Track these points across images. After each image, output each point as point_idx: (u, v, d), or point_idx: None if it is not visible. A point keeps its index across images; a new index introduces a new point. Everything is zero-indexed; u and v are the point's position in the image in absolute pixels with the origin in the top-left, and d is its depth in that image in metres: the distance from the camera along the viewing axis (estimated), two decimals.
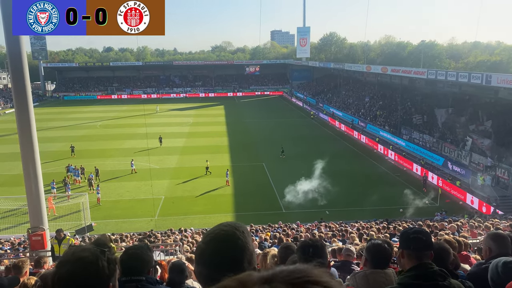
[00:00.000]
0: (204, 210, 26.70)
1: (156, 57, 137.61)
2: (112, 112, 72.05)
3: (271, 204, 27.50)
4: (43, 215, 11.09)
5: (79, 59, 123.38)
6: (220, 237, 1.51)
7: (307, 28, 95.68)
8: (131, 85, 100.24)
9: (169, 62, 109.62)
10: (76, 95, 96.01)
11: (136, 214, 26.28)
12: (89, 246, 1.77)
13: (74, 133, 52.97)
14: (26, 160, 10.47)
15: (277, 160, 37.98)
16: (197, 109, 76.78)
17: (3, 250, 16.92)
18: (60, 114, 70.42)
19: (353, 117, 56.04)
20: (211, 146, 43.83)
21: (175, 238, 17.20)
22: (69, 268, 1.64)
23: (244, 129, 54.48)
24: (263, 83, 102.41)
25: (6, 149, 42.13)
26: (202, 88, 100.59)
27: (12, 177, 32.64)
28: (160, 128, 53.40)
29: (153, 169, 34.15)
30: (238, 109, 75.00)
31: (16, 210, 25.21)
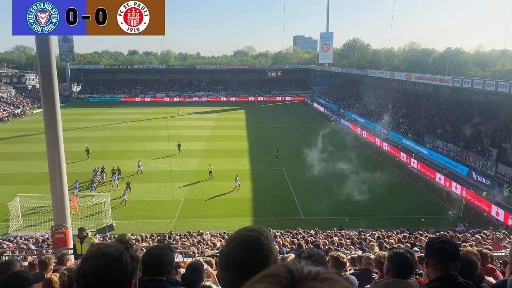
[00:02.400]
0: (222, 213, 26.78)
1: (179, 61, 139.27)
2: (135, 114, 73.25)
3: (290, 210, 27.36)
4: (66, 213, 11.34)
5: (105, 61, 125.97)
6: (246, 242, 1.49)
7: (330, 33, 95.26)
8: (154, 88, 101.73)
9: (192, 66, 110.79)
10: (101, 97, 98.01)
11: (156, 215, 26.57)
12: (113, 243, 1.80)
13: (98, 134, 54.06)
14: (52, 159, 10.72)
15: (296, 165, 37.81)
16: (218, 113, 77.28)
17: (27, 247, 17.36)
18: (85, 115, 72.01)
19: (375, 124, 55.36)
20: (231, 150, 43.99)
21: (193, 240, 17.28)
22: (94, 263, 1.66)
23: (264, 133, 54.50)
24: (284, 88, 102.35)
25: (33, 148, 43.32)
26: (223, 92, 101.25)
27: (37, 175, 33.48)
28: (181, 131, 53.99)
29: (174, 171, 34.48)
30: (259, 114, 75.12)
31: (41, 208, 25.84)
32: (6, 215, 25.08)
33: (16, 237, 21.54)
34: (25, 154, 41.51)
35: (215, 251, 12.93)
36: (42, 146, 13.22)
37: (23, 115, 75.78)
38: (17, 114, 75.32)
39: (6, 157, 40.87)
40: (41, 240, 19.77)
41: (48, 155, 10.78)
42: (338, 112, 72.24)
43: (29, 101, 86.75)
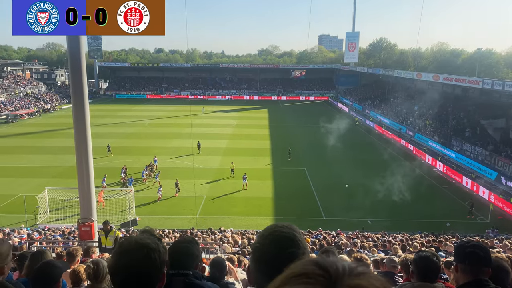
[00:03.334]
0: (244, 211, 26.88)
1: (204, 60, 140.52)
2: (160, 112, 74.30)
3: (311, 210, 27.21)
4: (92, 207, 11.61)
5: (132, 59, 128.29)
6: (281, 238, 1.51)
7: (356, 33, 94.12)
8: (179, 86, 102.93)
9: (216, 65, 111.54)
10: (127, 94, 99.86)
11: (178, 211, 26.89)
12: (145, 234, 1.82)
13: (124, 130, 55.11)
14: (79, 154, 11.00)
15: (319, 165, 37.55)
16: (241, 111, 77.52)
17: (54, 238, 17.88)
18: (112, 111, 73.51)
19: (401, 126, 54.39)
20: (253, 148, 44.07)
21: (215, 237, 17.41)
22: (133, 255, 1.67)
23: (287, 133, 54.34)
24: (308, 88, 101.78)
25: (61, 142, 44.55)
26: (247, 91, 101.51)
27: (65, 169, 34.43)
28: (204, 129, 54.43)
29: (197, 168, 34.80)
30: (282, 113, 74.95)
31: (68, 201, 26.56)
32: (35, 207, 25.87)
33: (43, 228, 22.20)
34: (54, 148, 42.71)
35: (236, 248, 13.00)
36: (70, 141, 13.57)
37: (52, 110, 78.01)
38: (46, 109, 77.60)
39: (36, 151, 42.15)
40: (67, 232, 20.30)
41: (76, 150, 11.07)
42: (362, 112, 71.33)
43: (58, 97, 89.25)
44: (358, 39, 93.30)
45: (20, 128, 58.86)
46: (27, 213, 24.92)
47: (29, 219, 24.84)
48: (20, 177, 33.29)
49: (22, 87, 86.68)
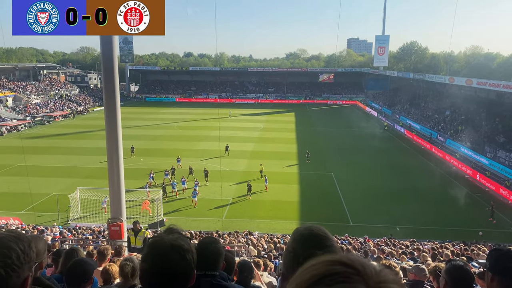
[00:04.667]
0: (269, 215, 26.84)
1: (232, 63, 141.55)
2: (188, 115, 75.32)
3: (338, 215, 26.88)
4: (122, 207, 11.87)
5: (162, 63, 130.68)
6: (313, 237, 1.55)
7: (386, 36, 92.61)
8: (207, 90, 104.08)
9: (244, 69, 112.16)
10: (157, 97, 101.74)
11: (205, 213, 27.13)
12: (176, 235, 1.84)
13: (153, 133, 56.16)
14: (111, 155, 11.29)
15: (347, 170, 37.08)
16: (268, 115, 77.59)
17: (85, 237, 18.38)
18: (142, 114, 75.08)
19: (432, 131, 53.05)
20: (279, 152, 43.99)
21: (241, 240, 17.45)
22: (168, 256, 1.69)
23: (314, 137, 53.96)
24: (336, 92, 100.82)
25: (92, 143, 45.84)
26: (274, 94, 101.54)
27: (96, 170, 35.37)
28: (232, 132, 54.77)
29: (224, 171, 35.03)
30: (309, 117, 74.54)
31: (99, 200, 27.27)
32: (67, 206, 26.70)
33: (75, 227, 22.87)
34: (85, 149, 43.99)
35: (262, 251, 12.99)
36: (102, 142, 13.94)
37: (85, 113, 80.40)
38: (79, 111, 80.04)
39: (69, 152, 43.52)
40: (97, 231, 20.83)
41: (107, 151, 11.35)
42: (392, 117, 70.02)
43: (90, 99, 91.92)
44: (388, 42, 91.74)
45: (54, 129, 60.98)
46: (59, 211, 25.74)
47: (62, 218, 25.66)
48: (54, 177, 34.43)
49: (57, 90, 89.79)
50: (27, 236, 1.69)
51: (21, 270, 1.56)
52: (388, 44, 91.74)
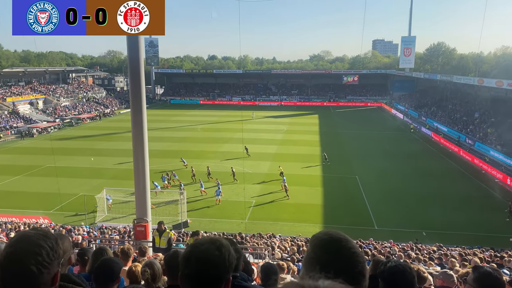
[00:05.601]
0: (293, 218, 26.70)
1: (255, 66, 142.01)
2: (212, 117, 75.95)
3: (363, 219, 26.49)
4: (147, 208, 12.07)
5: (186, 66, 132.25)
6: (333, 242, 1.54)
7: (413, 37, 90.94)
8: (231, 92, 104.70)
9: (267, 71, 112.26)
10: (181, 100, 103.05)
11: (228, 215, 27.25)
12: (214, 237, 1.86)
13: (177, 135, 56.88)
14: (137, 157, 11.50)
15: (372, 173, 36.54)
16: (291, 117, 77.37)
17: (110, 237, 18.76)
18: (166, 116, 76.18)
19: (460, 134, 51.68)
20: (303, 154, 43.74)
21: (264, 242, 17.43)
22: (209, 255, 1.71)
23: (338, 139, 53.45)
24: (361, 93, 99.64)
25: (118, 145, 46.79)
26: (297, 96, 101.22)
27: (122, 171, 36.06)
28: (255, 134, 54.88)
29: (247, 173, 35.11)
30: (333, 119, 73.90)
31: (124, 201, 27.81)
32: (94, 206, 27.33)
33: (101, 227, 23.38)
34: (112, 151, 44.94)
35: (285, 254, 12.94)
36: (127, 144, 14.21)
37: (111, 115, 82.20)
38: (106, 113, 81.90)
39: (96, 153, 44.55)
40: (122, 231, 21.22)
41: (134, 153, 11.57)
42: (418, 119, 68.61)
43: (117, 102, 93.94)
44: (415, 43, 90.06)
45: (82, 131, 62.59)
46: (86, 211, 26.37)
47: (88, 218, 26.26)
48: (81, 178, 35.31)
49: (85, 93, 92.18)
50: (53, 233, 1.74)
51: (51, 266, 1.61)
52: (414, 45, 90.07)
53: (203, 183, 31.36)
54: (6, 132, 59.31)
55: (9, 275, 1.57)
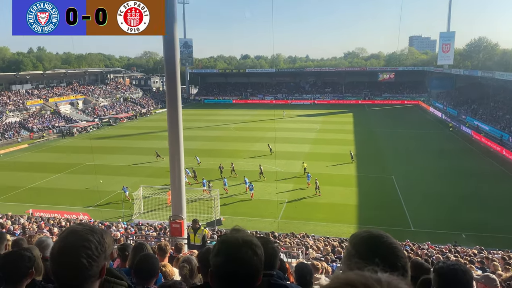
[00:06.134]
0: (326, 218, 26.44)
1: (288, 64, 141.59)
2: (244, 116, 76.34)
3: (398, 220, 25.88)
4: (183, 205, 12.31)
5: (220, 65, 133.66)
6: (374, 238, 1.55)
7: (452, 33, 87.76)
8: (263, 91, 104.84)
9: (300, 69, 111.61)
10: (215, 99, 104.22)
11: (260, 214, 27.32)
12: (244, 233, 1.88)
13: (211, 134, 57.59)
14: (173, 156, 11.75)
15: (408, 173, 35.62)
16: (325, 115, 76.57)
17: (147, 233, 19.24)
18: (200, 115, 77.27)
19: (503, 132, 49.45)
20: (337, 154, 43.19)
21: (298, 242, 17.37)
22: (241, 253, 1.72)
23: (373, 138, 52.42)
24: (397, 91, 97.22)
25: (155, 144, 47.88)
26: (331, 94, 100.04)
27: (158, 169, 36.88)
28: (287, 133, 54.74)
29: (279, 172, 35.09)
30: (368, 118, 72.53)
31: (160, 198, 28.48)
32: (131, 203, 28.12)
33: (138, 223, 24.02)
34: (148, 149, 46.03)
35: (319, 254, 12.86)
36: (163, 143, 14.52)
37: (148, 114, 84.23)
38: (143, 113, 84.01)
39: (133, 152, 45.82)
40: (158, 228, 21.72)
41: (170, 152, 11.83)
42: (458, 117, 66.21)
43: (153, 102, 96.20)
44: (454, 39, 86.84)
45: (119, 130, 64.53)
46: (124, 208, 27.17)
47: (126, 215, 27.05)
48: (119, 175, 36.40)
49: (122, 93, 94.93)
50: (98, 228, 1.82)
51: (99, 259, 1.69)
52: (453, 41, 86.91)
53: (227, 181, 31.90)
54: (49, 131, 62.04)
55: (61, 268, 1.66)
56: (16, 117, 63.59)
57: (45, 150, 50.58)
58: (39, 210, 27.64)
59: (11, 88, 72.30)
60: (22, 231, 16.58)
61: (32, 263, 2.91)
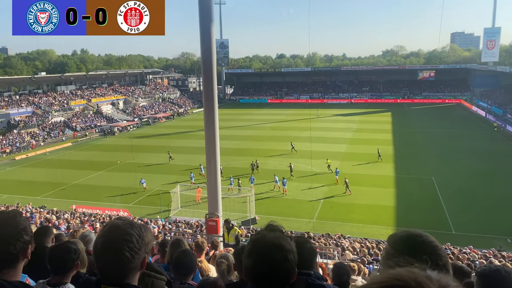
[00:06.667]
0: (362, 219, 25.98)
1: (324, 63, 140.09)
2: (279, 115, 76.26)
3: (438, 223, 25.01)
4: (219, 203, 12.48)
5: (255, 65, 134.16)
6: (413, 238, 1.53)
7: (497, 28, 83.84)
8: (299, 90, 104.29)
9: (337, 68, 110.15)
10: (250, 99, 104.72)
11: (295, 214, 27.20)
12: (277, 233, 1.89)
13: (246, 133, 57.92)
14: (209, 155, 11.94)
15: (450, 174, 34.39)
16: (362, 115, 75.19)
17: (184, 230, 19.63)
18: (236, 115, 77.85)
19: None
20: (374, 154, 42.28)
21: (333, 243, 17.18)
22: (271, 255, 1.73)
23: (413, 138, 50.94)
24: (438, 90, 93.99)
25: (191, 143, 48.85)
26: (368, 93, 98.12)
27: (194, 167, 37.49)
28: (323, 133, 54.19)
29: (314, 172, 34.82)
30: (407, 117, 70.57)
31: (196, 196, 28.96)
32: (169, 201, 28.77)
33: (175, 221, 24.55)
34: (185, 148, 46.95)
35: (355, 256, 12.67)
36: (199, 142, 14.74)
37: (185, 114, 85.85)
38: (180, 113, 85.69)
39: (171, 150, 46.74)
40: (195, 226, 22.11)
41: (206, 150, 12.02)
42: (503, 117, 63.15)
43: (190, 102, 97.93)
44: (499, 35, 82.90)
45: (158, 129, 66.16)
46: (162, 205, 27.84)
47: (164, 211, 27.70)
48: (157, 173, 37.32)
49: (161, 93, 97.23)
50: (137, 223, 1.90)
51: (140, 252, 1.77)
52: (499, 37, 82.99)
53: (254, 179, 32.24)
54: (91, 130, 64.53)
55: (105, 261, 1.75)
56: (61, 116, 66.55)
57: (88, 148, 52.68)
58: (82, 206, 28.83)
59: (57, 89, 75.76)
60: (67, 225, 17.36)
61: (77, 255, 3.06)
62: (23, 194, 32.69)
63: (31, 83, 71.99)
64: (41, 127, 60.94)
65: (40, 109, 66.15)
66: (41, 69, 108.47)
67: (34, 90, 72.66)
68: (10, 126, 58.48)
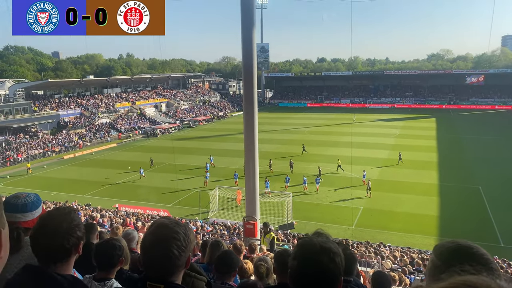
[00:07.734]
0: (404, 228, 25.18)
1: (366, 67, 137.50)
2: (319, 120, 75.51)
3: (486, 234, 23.81)
4: (256, 206, 12.52)
5: (295, 69, 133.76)
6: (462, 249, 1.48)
7: None
8: (339, 94, 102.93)
9: (379, 72, 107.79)
10: (289, 103, 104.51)
11: (333, 220, 26.79)
12: (324, 238, 1.88)
13: (285, 137, 57.76)
14: (248, 158, 12.02)
15: (499, 185, 32.71)
16: (404, 120, 73.07)
17: (221, 232, 19.83)
18: (275, 119, 77.88)
19: None
20: (417, 161, 40.98)
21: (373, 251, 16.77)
22: (318, 258, 1.71)
23: (459, 146, 48.88)
24: (487, 95, 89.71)
25: (230, 146, 49.34)
26: (412, 98, 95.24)
27: (232, 171, 37.76)
28: (364, 138, 53.13)
29: (354, 178, 34.17)
30: (453, 123, 67.84)
31: (234, 199, 29.19)
32: (207, 202, 29.15)
33: (213, 222, 24.85)
34: (224, 151, 47.47)
35: (395, 265, 12.30)
36: (238, 145, 14.85)
37: (224, 117, 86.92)
38: (220, 116, 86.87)
39: (210, 153, 47.39)
40: (232, 228, 22.28)
41: (245, 153, 12.11)
42: None
43: (230, 105, 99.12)
44: None
45: (198, 132, 67.38)
46: (200, 207, 28.25)
47: (202, 213, 28.10)
48: (197, 175, 37.93)
49: (202, 96, 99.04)
50: (181, 222, 1.95)
51: (186, 250, 1.83)
52: None
53: (289, 179, 32.83)
54: (135, 132, 66.71)
55: (153, 257, 1.81)
56: (107, 118, 69.27)
57: (131, 149, 54.47)
58: (124, 205, 29.81)
59: (103, 92, 78.96)
60: (110, 223, 18.00)
61: (122, 252, 3.17)
62: (70, 192, 34.25)
63: (80, 85, 75.57)
64: (88, 128, 63.73)
65: (87, 110, 69.18)
66: (89, 72, 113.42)
67: (83, 92, 76.17)
68: (60, 127, 61.56)
